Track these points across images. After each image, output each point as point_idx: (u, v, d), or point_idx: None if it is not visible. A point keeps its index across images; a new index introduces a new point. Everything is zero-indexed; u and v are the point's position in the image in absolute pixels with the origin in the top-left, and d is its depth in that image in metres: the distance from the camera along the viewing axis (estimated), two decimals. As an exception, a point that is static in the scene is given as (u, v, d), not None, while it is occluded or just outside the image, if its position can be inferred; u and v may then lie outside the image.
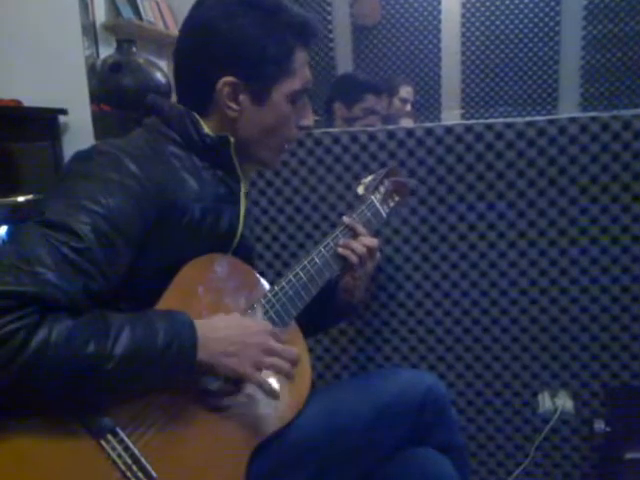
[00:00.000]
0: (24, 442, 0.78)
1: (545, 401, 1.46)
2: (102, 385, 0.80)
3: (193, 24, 1.01)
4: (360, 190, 1.21)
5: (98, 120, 2.33)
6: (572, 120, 1.37)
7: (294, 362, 0.94)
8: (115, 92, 2.61)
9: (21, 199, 1.88)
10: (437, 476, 1.05)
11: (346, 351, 1.56)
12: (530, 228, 1.42)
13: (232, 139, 1.00)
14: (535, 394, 1.49)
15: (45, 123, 2.20)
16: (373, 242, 1.15)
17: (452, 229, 1.45)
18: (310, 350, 1.54)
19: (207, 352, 0.87)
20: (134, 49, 2.76)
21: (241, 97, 0.99)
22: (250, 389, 0.95)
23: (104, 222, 0.84)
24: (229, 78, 0.97)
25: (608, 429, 1.40)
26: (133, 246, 0.88)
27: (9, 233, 1.64)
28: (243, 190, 1.07)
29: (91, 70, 2.48)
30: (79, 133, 2.25)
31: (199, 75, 1.00)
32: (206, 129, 1.00)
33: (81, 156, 0.91)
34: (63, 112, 2.22)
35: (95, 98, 2.39)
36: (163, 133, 0.99)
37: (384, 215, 1.22)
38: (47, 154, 2.16)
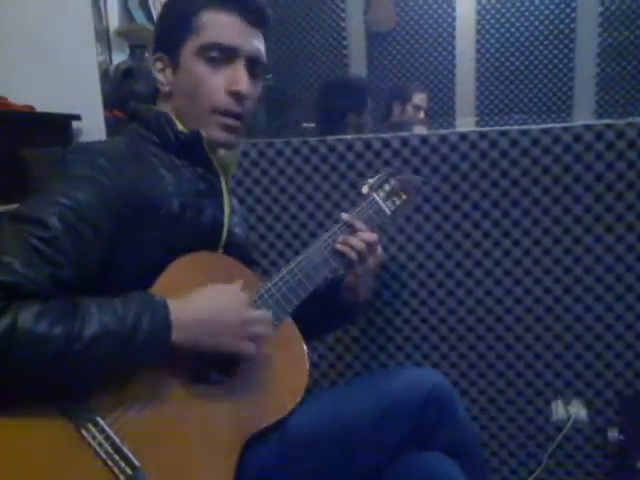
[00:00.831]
0: (4, 432, 0.78)
1: (558, 409, 1.46)
2: (73, 368, 0.81)
3: None
4: (365, 189, 1.22)
5: (111, 126, 2.35)
6: (587, 127, 1.37)
7: (270, 322, 0.97)
8: (128, 98, 2.62)
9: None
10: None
11: (350, 350, 1.56)
12: (545, 236, 1.42)
13: (203, 133, 1.02)
14: (548, 402, 1.48)
15: (58, 129, 2.21)
16: (372, 237, 1.14)
17: (466, 236, 1.45)
18: (313, 349, 1.55)
19: (184, 333, 0.87)
20: (147, 55, 2.78)
21: (167, 70, 1.04)
22: (243, 378, 0.95)
23: (72, 213, 0.86)
24: (157, 54, 1.05)
25: (622, 438, 1.39)
26: (105, 239, 0.89)
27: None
28: (224, 185, 1.08)
29: (104, 76, 2.50)
30: (92, 138, 2.26)
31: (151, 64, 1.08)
32: (180, 127, 1.03)
33: (56, 157, 0.95)
34: (76, 118, 2.23)
35: (108, 104, 2.41)
36: (142, 135, 1.03)
37: (388, 212, 1.21)
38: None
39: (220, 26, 1.01)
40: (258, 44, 1.04)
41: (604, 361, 1.44)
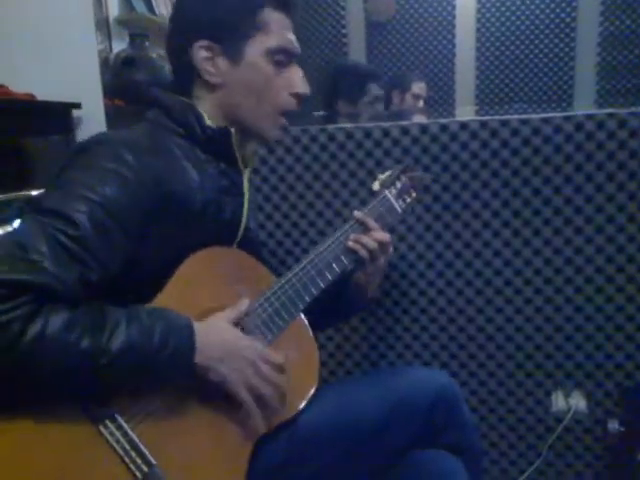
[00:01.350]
0: (23, 427, 0.78)
1: (558, 400, 1.45)
2: (97, 379, 0.80)
3: (174, 3, 1.05)
4: (375, 186, 1.20)
5: (111, 114, 2.34)
6: (589, 117, 1.35)
7: (278, 389, 0.94)
8: (128, 86, 2.61)
9: (34, 193, 1.88)
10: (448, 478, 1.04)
11: (358, 348, 1.55)
12: (545, 226, 1.41)
13: (233, 130, 1.00)
14: (548, 393, 1.47)
15: (58, 117, 2.20)
16: (385, 237, 1.13)
17: (466, 226, 1.44)
18: (321, 347, 1.55)
19: (204, 356, 0.87)
20: (147, 43, 2.76)
21: (218, 60, 0.99)
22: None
23: (100, 210, 0.84)
24: (202, 42, 0.98)
25: (622, 429, 1.39)
26: (130, 235, 0.88)
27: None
28: (246, 181, 1.07)
29: (104, 64, 2.49)
30: (92, 127, 2.25)
31: (176, 47, 1.02)
32: (207, 121, 1.00)
33: (80, 147, 0.92)
34: (76, 106, 2.22)
35: (108, 92, 2.39)
36: (166, 125, 1.00)
37: (399, 210, 1.20)
38: (60, 148, 2.17)
39: (282, 28, 1.01)
40: None
41: (604, 352, 1.43)
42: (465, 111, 3.68)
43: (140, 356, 0.81)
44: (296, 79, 1.03)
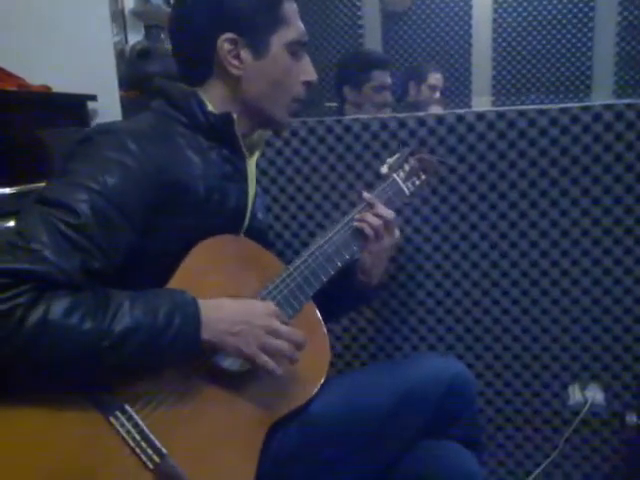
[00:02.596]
0: (34, 419, 0.79)
1: (575, 393, 1.44)
2: (103, 362, 0.80)
3: None
4: (384, 169, 1.20)
5: (126, 106, 2.35)
6: (607, 107, 1.33)
7: (299, 346, 0.93)
8: (143, 78, 2.62)
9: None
10: (465, 472, 1.04)
11: (373, 340, 1.55)
12: (562, 217, 1.39)
13: (235, 115, 1.00)
14: (565, 386, 1.46)
15: (74, 109, 2.21)
16: (389, 213, 1.13)
17: (483, 217, 1.43)
18: (337, 339, 1.55)
19: (211, 331, 0.87)
20: (162, 35, 2.77)
21: (242, 53, 1.00)
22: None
23: (101, 199, 0.84)
24: (228, 35, 0.98)
25: (640, 422, 1.38)
26: (133, 224, 0.88)
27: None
28: (251, 167, 1.07)
29: (120, 56, 2.49)
30: (107, 119, 2.23)
31: (197, 39, 1.01)
32: (210, 107, 1.01)
33: (83, 137, 0.92)
34: (92, 98, 2.23)
35: (123, 84, 2.40)
36: (169, 114, 1.00)
37: (407, 192, 1.20)
38: (76, 139, 2.18)
39: (297, 18, 1.04)
40: None
41: (622, 344, 1.42)
42: (481, 102, 3.65)
43: (145, 336, 0.81)
44: (309, 68, 1.07)
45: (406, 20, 3.81)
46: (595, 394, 1.43)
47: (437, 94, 2.99)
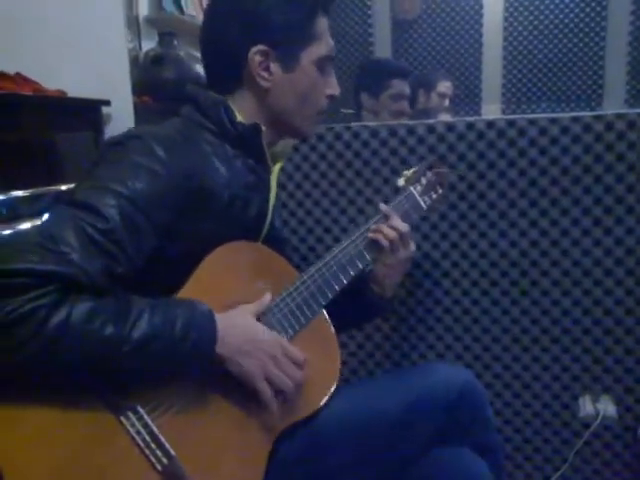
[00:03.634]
0: (45, 417, 0.79)
1: (586, 405, 1.42)
2: (119, 367, 0.81)
3: (217, 1, 1.05)
4: (401, 182, 1.19)
5: (139, 111, 2.36)
6: (619, 116, 1.33)
7: (297, 383, 0.94)
8: (156, 84, 2.64)
9: (64, 188, 1.91)
10: (473, 478, 1.03)
11: (380, 347, 1.54)
12: (573, 227, 1.38)
13: (263, 128, 1.01)
14: (576, 397, 1.45)
15: (88, 114, 2.23)
16: (404, 227, 1.13)
17: (492, 226, 1.42)
18: (343, 346, 1.54)
19: (225, 347, 0.87)
20: (175, 42, 2.79)
21: (272, 66, 1.01)
22: None
23: (130, 205, 0.85)
24: (260, 47, 0.99)
25: (652, 436, 1.36)
26: (158, 230, 0.88)
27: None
28: (274, 179, 1.08)
29: (133, 62, 2.51)
30: (121, 124, 2.27)
31: (229, 49, 1.02)
32: (239, 117, 1.02)
33: (113, 141, 0.93)
34: (106, 103, 2.25)
35: (137, 90, 2.42)
36: (197, 121, 1.01)
37: (424, 207, 1.20)
38: (90, 144, 2.20)
39: (327, 34, 1.05)
40: None
41: (635, 357, 1.40)
42: (491, 109, 3.65)
43: (162, 345, 0.82)
44: (333, 82, 1.08)
45: (416, 28, 3.82)
46: (607, 406, 1.41)
47: (446, 102, 2.99)
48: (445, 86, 3.01)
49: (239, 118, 1.01)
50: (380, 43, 3.79)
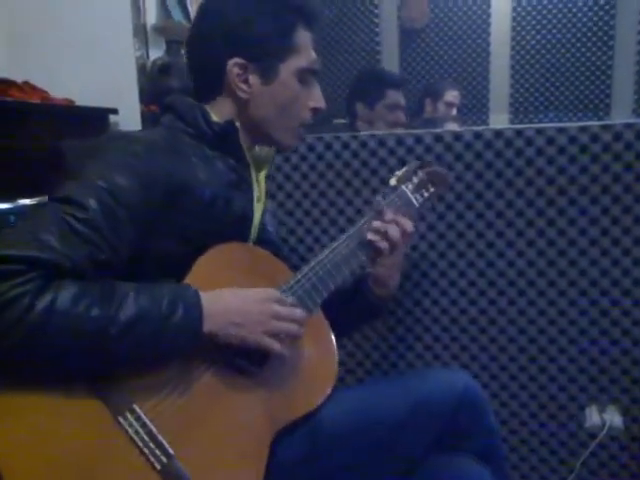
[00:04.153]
0: (42, 417, 0.79)
1: (592, 415, 1.41)
2: (108, 350, 0.81)
3: (200, 12, 1.08)
4: (393, 181, 1.20)
5: (147, 120, 2.38)
6: (628, 126, 1.32)
7: (301, 323, 0.95)
8: (164, 93, 2.65)
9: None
10: None
11: (378, 348, 1.54)
12: (581, 236, 1.38)
13: (237, 124, 1.03)
14: (582, 408, 1.44)
15: (96, 122, 2.25)
16: (409, 225, 1.12)
17: (500, 235, 1.42)
18: (340, 347, 1.51)
19: (214, 323, 0.88)
20: (183, 51, 2.80)
21: (251, 77, 1.03)
22: (273, 371, 0.96)
23: (108, 195, 0.87)
24: (237, 59, 1.01)
25: (659, 448, 1.35)
26: (138, 225, 0.90)
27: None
28: (260, 178, 1.10)
29: (141, 71, 2.53)
30: (128, 132, 2.29)
31: (209, 60, 1.05)
32: (214, 117, 1.04)
33: (95, 142, 0.97)
34: (113, 112, 2.26)
35: (144, 98, 2.43)
36: (176, 127, 1.04)
37: (416, 204, 1.19)
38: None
39: (310, 47, 1.07)
40: None
41: (641, 367, 1.40)
42: (499, 119, 3.64)
43: (149, 324, 0.83)
44: (317, 95, 1.09)
45: (424, 37, 3.82)
46: (613, 417, 1.40)
47: (454, 111, 2.99)
48: (452, 95, 3.02)
49: (214, 118, 1.04)
50: (387, 52, 3.80)
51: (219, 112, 1.05)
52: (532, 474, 1.50)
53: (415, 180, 1.21)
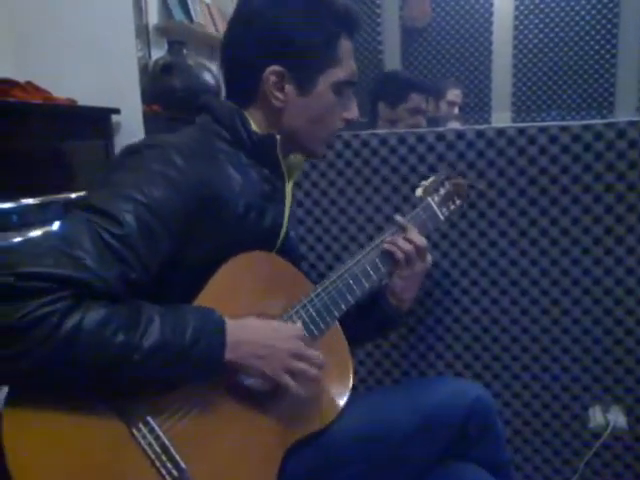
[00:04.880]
0: (57, 427, 0.79)
1: (596, 415, 1.41)
2: (130, 375, 0.81)
3: (240, 14, 1.03)
4: (419, 192, 1.19)
5: (149, 120, 2.38)
6: (631, 124, 1.31)
7: (321, 367, 0.94)
8: (165, 93, 2.66)
9: (73, 196, 1.92)
10: None
11: (389, 356, 1.54)
12: (584, 235, 1.37)
13: (278, 137, 1.00)
14: (586, 408, 1.43)
15: (98, 122, 2.25)
16: (422, 241, 1.12)
17: (503, 234, 1.41)
18: (352, 355, 1.53)
19: (236, 353, 0.87)
20: (185, 51, 2.81)
21: (287, 87, 0.99)
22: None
23: (146, 211, 0.84)
24: (275, 67, 0.98)
25: (664, 448, 1.34)
26: (174, 237, 0.88)
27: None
28: (288, 188, 1.07)
29: (143, 71, 2.53)
30: (130, 132, 2.29)
31: (246, 65, 1.01)
32: (254, 127, 1.01)
33: (130, 149, 0.93)
34: (116, 111, 2.27)
35: (146, 98, 2.43)
36: (213, 130, 1.00)
37: (442, 218, 1.19)
38: (99, 152, 2.22)
39: (350, 58, 1.03)
40: None
41: (645, 367, 1.39)
42: (501, 118, 3.63)
43: (172, 352, 0.82)
44: (352, 106, 1.06)
45: (426, 36, 3.82)
46: (617, 417, 1.39)
47: (456, 110, 2.99)
48: (454, 94, 3.02)
49: (254, 128, 1.01)
50: (389, 51, 3.80)
51: (254, 120, 1.02)
52: (535, 474, 1.49)
53: (442, 192, 1.20)
